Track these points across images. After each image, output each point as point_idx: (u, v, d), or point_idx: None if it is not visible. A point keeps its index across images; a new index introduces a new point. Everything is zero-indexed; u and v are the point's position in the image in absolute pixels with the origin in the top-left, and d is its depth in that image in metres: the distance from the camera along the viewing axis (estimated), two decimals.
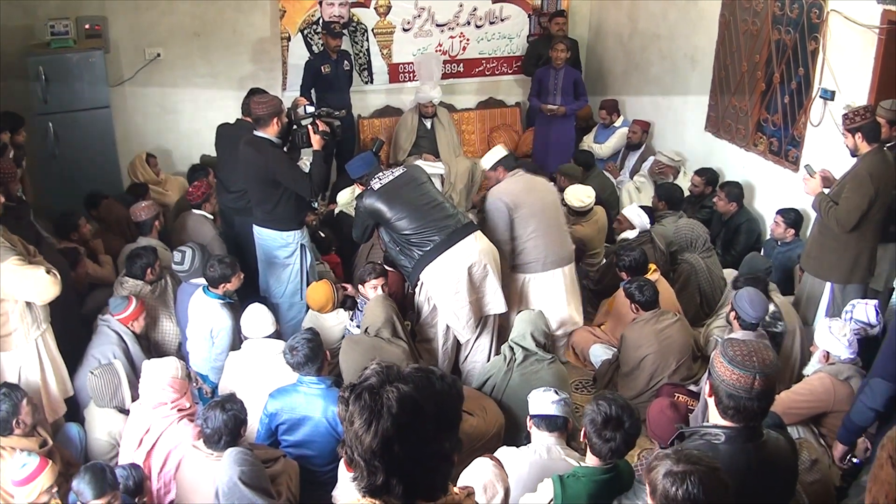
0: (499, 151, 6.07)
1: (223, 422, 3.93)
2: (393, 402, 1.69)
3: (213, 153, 7.06)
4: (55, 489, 3.93)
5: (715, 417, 2.91)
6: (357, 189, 7.25)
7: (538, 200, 5.80)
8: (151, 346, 5.60)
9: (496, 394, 5.05)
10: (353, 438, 1.73)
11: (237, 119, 6.57)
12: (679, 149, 8.25)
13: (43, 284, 4.40)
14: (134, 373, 5.01)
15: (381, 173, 5.38)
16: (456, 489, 1.89)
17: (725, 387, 2.76)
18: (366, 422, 1.69)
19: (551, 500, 3.41)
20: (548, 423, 3.98)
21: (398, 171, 5.39)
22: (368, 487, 1.75)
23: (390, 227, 5.25)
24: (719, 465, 2.56)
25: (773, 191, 7.05)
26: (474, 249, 5.19)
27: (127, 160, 7.92)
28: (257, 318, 5.09)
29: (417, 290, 5.46)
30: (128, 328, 5.23)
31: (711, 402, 2.86)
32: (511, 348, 5.07)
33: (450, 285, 5.20)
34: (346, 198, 7.43)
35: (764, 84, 7.04)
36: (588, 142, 9.20)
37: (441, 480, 1.81)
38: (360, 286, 5.64)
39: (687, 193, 7.61)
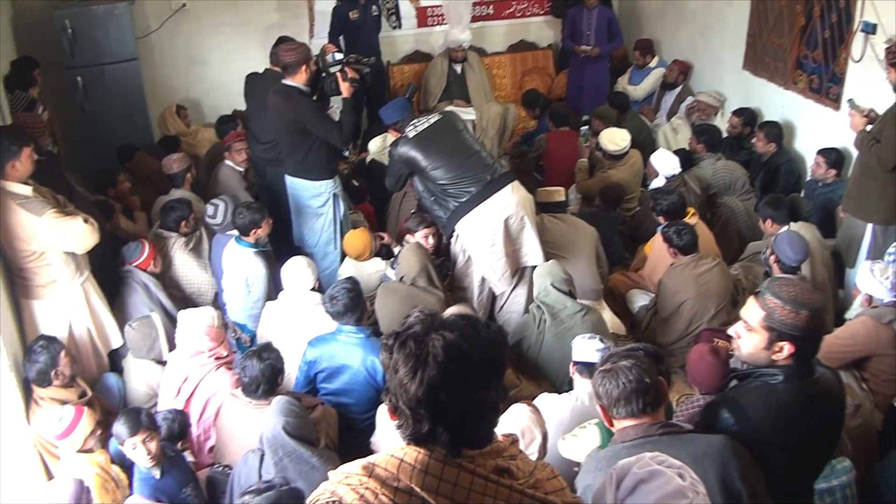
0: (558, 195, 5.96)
1: (260, 371, 3.98)
2: (439, 349, 1.67)
3: (243, 104, 7.02)
4: (98, 432, 4.00)
5: None
6: (389, 136, 7.21)
7: (571, 243, 5.68)
8: (187, 298, 5.64)
9: (531, 354, 5.01)
10: (397, 387, 1.71)
11: (266, 69, 6.50)
12: (716, 88, 8.08)
13: (82, 233, 4.46)
14: (170, 322, 5.06)
15: (415, 120, 5.23)
16: (500, 437, 1.87)
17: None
18: (411, 370, 1.67)
19: (598, 447, 3.40)
20: (591, 370, 3.93)
21: (434, 118, 5.23)
22: (413, 436, 1.73)
23: (425, 176, 5.13)
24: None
25: (814, 130, 6.86)
26: (511, 200, 5.10)
27: (157, 112, 7.93)
28: (299, 271, 5.04)
29: (453, 240, 5.39)
30: (148, 273, 5.31)
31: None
32: (539, 307, 4.99)
33: (486, 237, 5.13)
34: (377, 145, 7.36)
35: (803, 18, 6.81)
36: (623, 83, 9.04)
37: (487, 429, 1.79)
38: (407, 236, 5.58)
39: (725, 135, 7.45)
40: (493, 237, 5.10)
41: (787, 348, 2.77)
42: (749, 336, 2.85)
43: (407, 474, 1.70)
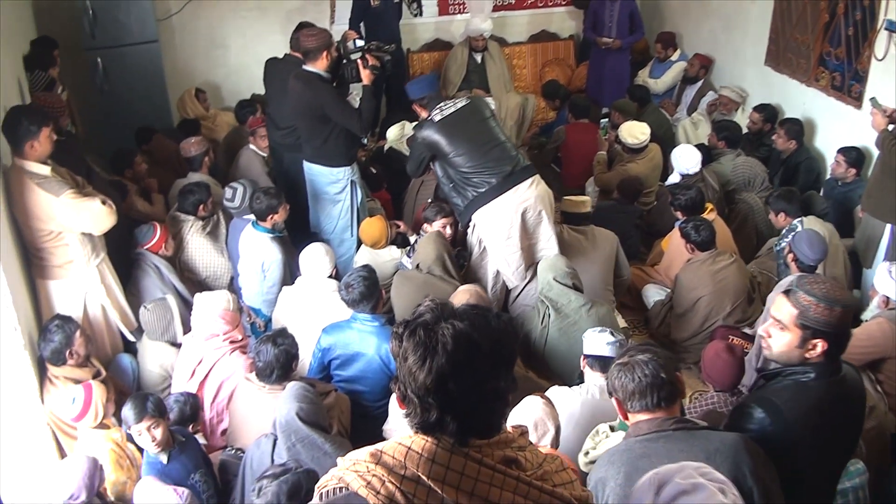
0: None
1: (274, 356, 3.99)
2: (448, 338, 1.67)
3: (262, 89, 7.02)
4: (112, 410, 4.04)
5: None
6: (407, 125, 7.20)
7: (587, 260, 5.52)
8: (203, 282, 5.66)
9: (536, 348, 4.99)
10: (406, 375, 1.71)
11: (285, 54, 6.49)
12: (738, 84, 8.02)
13: (99, 215, 4.48)
14: (184, 305, 5.09)
15: (442, 103, 5.13)
16: (510, 428, 1.87)
17: None
18: (420, 358, 1.67)
19: None
20: (602, 364, 3.95)
21: (461, 103, 5.14)
22: (422, 424, 1.73)
23: (447, 162, 5.07)
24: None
25: (835, 128, 6.79)
26: (530, 194, 5.06)
27: (176, 95, 7.94)
28: (317, 258, 5.02)
29: (469, 230, 5.37)
30: (159, 255, 5.32)
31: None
32: (543, 301, 4.96)
33: (502, 230, 5.10)
34: (395, 133, 7.35)
35: (827, 15, 6.74)
36: (643, 76, 8.98)
37: (496, 419, 1.79)
38: (425, 225, 5.57)
39: (745, 131, 7.40)
40: (510, 230, 5.07)
41: (820, 346, 2.78)
42: (781, 335, 2.86)
43: (414, 462, 1.71)
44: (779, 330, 2.86)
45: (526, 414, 3.47)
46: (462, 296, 4.52)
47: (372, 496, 1.69)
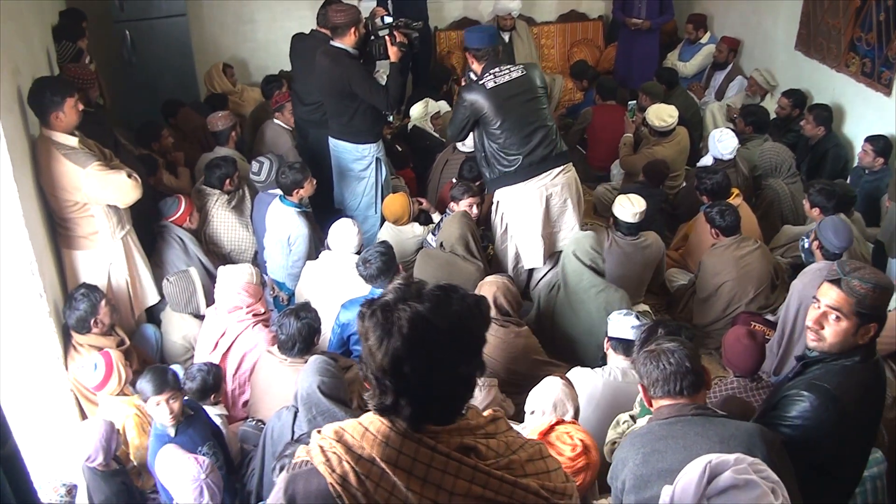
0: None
1: (297, 329, 4.01)
2: (404, 321, 1.64)
3: (289, 65, 7.02)
4: (131, 377, 4.10)
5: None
6: (431, 103, 7.18)
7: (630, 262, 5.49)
8: (227, 255, 5.70)
9: (545, 317, 5.01)
10: (367, 355, 1.70)
11: (312, 30, 6.48)
12: (767, 67, 7.92)
13: (125, 188, 4.50)
14: (208, 277, 5.12)
15: (497, 69, 5.02)
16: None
17: None
18: (378, 339, 1.66)
19: None
20: (625, 346, 3.96)
21: (516, 73, 5.02)
22: (378, 406, 1.72)
23: (486, 130, 5.02)
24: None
25: (864, 115, 6.71)
26: (558, 181, 5.06)
27: (204, 69, 7.97)
28: (346, 233, 5.04)
29: (494, 207, 5.37)
30: (184, 228, 5.37)
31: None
32: (557, 273, 4.98)
33: (524, 214, 5.12)
34: (418, 111, 7.33)
35: (859, 0, 6.66)
36: (672, 59, 8.90)
37: (455, 404, 1.77)
38: (451, 203, 5.56)
39: (773, 116, 7.32)
40: (532, 215, 5.08)
41: (873, 330, 2.84)
42: (838, 325, 2.86)
43: (370, 444, 1.70)
44: (835, 320, 2.86)
45: (545, 394, 3.48)
46: (489, 287, 4.52)
47: (328, 473, 1.70)
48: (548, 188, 5.07)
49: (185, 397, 3.88)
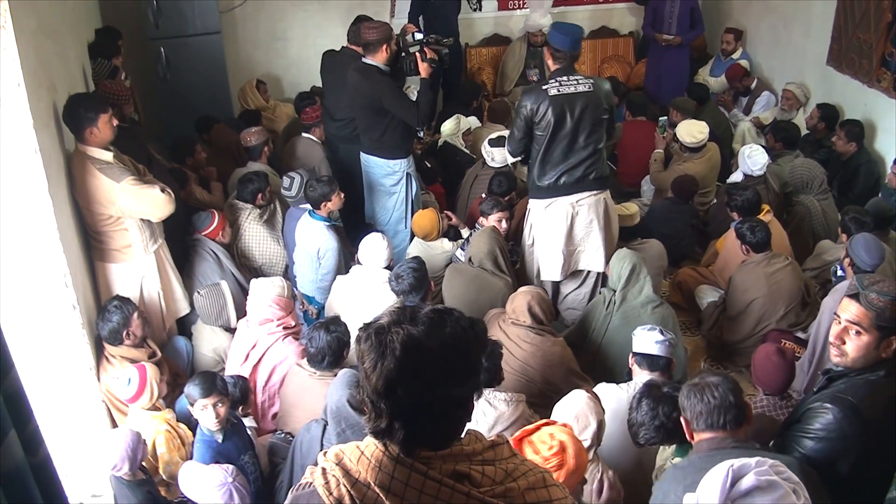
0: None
1: (327, 342, 4.04)
2: (397, 343, 1.64)
3: (321, 82, 7.09)
4: (165, 390, 4.15)
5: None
6: (462, 119, 7.21)
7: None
8: (258, 269, 5.75)
9: (596, 335, 4.99)
10: (363, 378, 1.70)
11: (342, 47, 6.55)
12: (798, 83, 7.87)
13: (158, 203, 4.55)
14: (240, 291, 5.17)
15: (566, 77, 4.92)
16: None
17: None
18: (372, 362, 1.66)
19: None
20: (650, 362, 3.94)
21: (584, 87, 4.92)
22: (373, 429, 1.72)
23: (534, 135, 5.00)
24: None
25: None
26: (585, 202, 5.08)
27: (237, 86, 8.08)
28: (376, 248, 5.07)
29: (526, 215, 5.38)
30: (217, 242, 5.41)
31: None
32: (612, 290, 4.97)
33: (549, 227, 5.15)
34: (450, 128, 7.36)
35: (890, 14, 6.56)
36: (703, 75, 8.89)
37: (450, 428, 1.76)
38: (480, 219, 5.58)
39: (805, 132, 7.28)
40: (556, 231, 5.11)
41: (894, 342, 2.84)
42: (859, 339, 2.87)
43: (365, 468, 1.71)
44: (856, 334, 2.86)
45: (569, 407, 3.49)
46: (523, 295, 4.54)
47: (326, 496, 1.71)
48: (574, 206, 5.08)
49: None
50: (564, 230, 5.12)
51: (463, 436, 1.79)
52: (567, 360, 4.56)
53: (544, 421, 3.26)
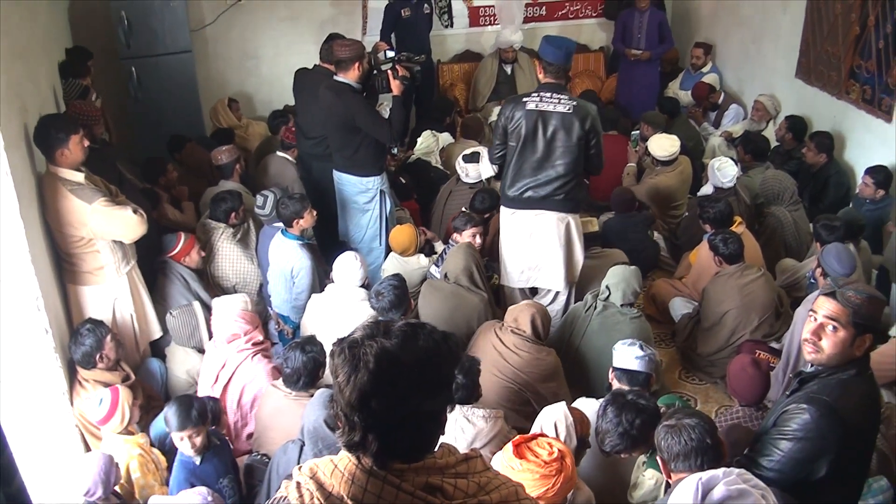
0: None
1: (302, 363, 4.02)
2: (370, 356, 1.65)
3: (293, 100, 7.09)
4: (139, 414, 4.10)
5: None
6: (439, 136, 7.24)
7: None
8: (232, 289, 5.71)
9: (574, 339, 5.02)
10: (337, 392, 1.70)
11: (315, 65, 6.55)
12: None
13: (131, 224, 4.52)
14: (207, 312, 5.15)
15: (549, 93, 4.93)
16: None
17: None
18: (346, 375, 1.67)
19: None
20: (630, 377, 3.96)
21: (563, 107, 4.88)
22: (347, 443, 1.72)
23: (506, 142, 5.07)
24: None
25: (865, 142, 6.73)
26: (546, 222, 5.14)
27: (209, 105, 8.04)
28: (350, 267, 5.06)
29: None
30: (182, 264, 5.36)
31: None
32: (594, 296, 5.02)
33: (509, 235, 5.27)
34: (426, 145, 7.38)
35: (857, 28, 6.68)
36: (673, 88, 8.97)
37: (423, 441, 1.76)
38: (455, 234, 5.60)
39: (775, 143, 7.36)
40: (516, 241, 5.21)
41: (868, 341, 2.90)
42: (836, 335, 2.91)
43: (338, 481, 1.72)
44: (832, 331, 2.91)
45: (548, 416, 3.54)
46: (528, 308, 4.61)
47: None
48: (534, 222, 5.15)
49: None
50: (522, 242, 5.20)
51: (436, 449, 1.79)
52: (560, 372, 4.64)
53: (533, 434, 3.29)
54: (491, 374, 4.37)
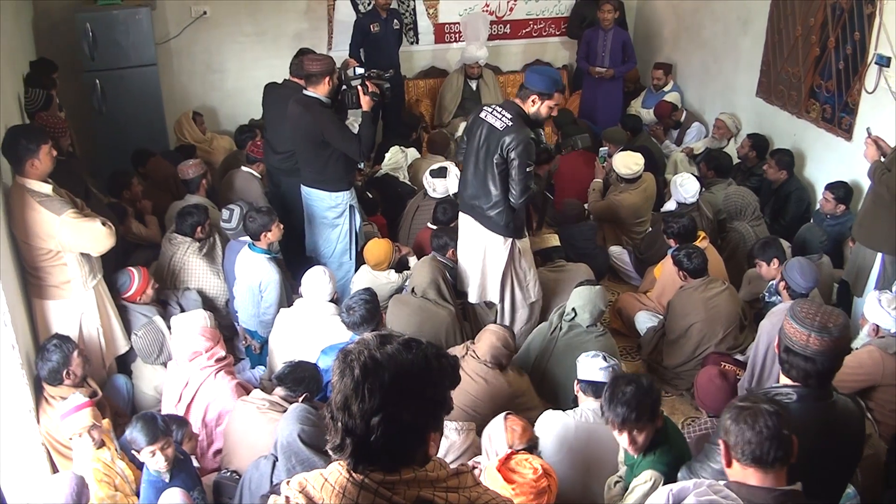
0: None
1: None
2: (356, 363, 1.73)
3: (259, 113, 7.06)
4: (99, 432, 4.02)
5: (783, 378, 2.99)
6: (407, 151, 7.28)
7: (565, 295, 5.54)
8: (202, 304, 5.67)
9: (541, 360, 5.03)
10: (331, 397, 1.78)
11: (284, 79, 6.55)
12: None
13: (99, 236, 4.49)
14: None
15: (501, 108, 5.03)
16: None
17: (786, 341, 2.89)
18: (337, 379, 1.76)
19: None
20: (594, 389, 3.98)
21: (501, 123, 4.91)
22: (331, 446, 1.77)
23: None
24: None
25: (825, 159, 6.89)
26: (476, 231, 5.26)
27: (173, 118, 7.99)
28: (318, 282, 5.02)
29: None
30: (137, 304, 5.20)
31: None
32: (560, 316, 5.03)
33: (461, 242, 5.41)
34: (395, 160, 7.40)
35: (818, 49, 6.86)
36: (636, 106, 9.09)
37: (398, 451, 1.77)
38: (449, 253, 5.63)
39: (737, 160, 7.50)
40: (467, 249, 5.35)
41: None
42: None
43: (328, 495, 1.75)
44: None
45: (492, 424, 3.62)
46: (490, 335, 4.55)
47: None
48: (469, 227, 5.28)
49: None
50: (470, 248, 5.32)
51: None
52: (515, 395, 4.56)
53: (506, 454, 3.31)
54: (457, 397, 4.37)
